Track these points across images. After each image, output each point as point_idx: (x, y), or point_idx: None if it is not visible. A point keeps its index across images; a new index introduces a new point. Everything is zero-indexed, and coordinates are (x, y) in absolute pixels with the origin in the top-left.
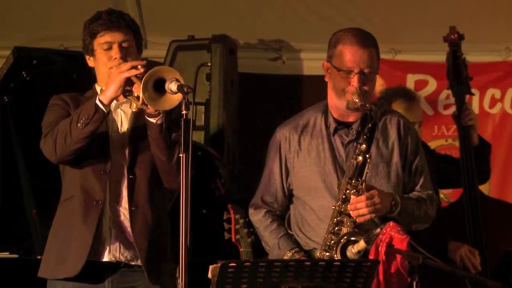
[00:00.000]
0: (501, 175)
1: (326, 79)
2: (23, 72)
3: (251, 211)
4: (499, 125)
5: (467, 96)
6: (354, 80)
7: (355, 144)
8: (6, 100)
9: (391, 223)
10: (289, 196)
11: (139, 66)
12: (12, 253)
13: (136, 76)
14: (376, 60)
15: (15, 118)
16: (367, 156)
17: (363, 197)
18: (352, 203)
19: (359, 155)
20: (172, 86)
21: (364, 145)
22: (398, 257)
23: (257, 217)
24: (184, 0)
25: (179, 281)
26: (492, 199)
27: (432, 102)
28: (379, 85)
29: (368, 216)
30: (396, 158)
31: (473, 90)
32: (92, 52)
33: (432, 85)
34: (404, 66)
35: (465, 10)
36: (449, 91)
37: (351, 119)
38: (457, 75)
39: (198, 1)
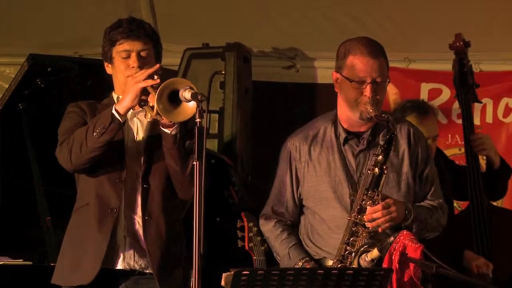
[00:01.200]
0: None
1: (336, 90)
2: (38, 80)
3: (261, 221)
4: None
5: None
6: (367, 90)
7: (367, 154)
8: (21, 107)
9: (405, 232)
10: (300, 206)
11: (155, 76)
12: (26, 260)
13: (151, 86)
14: (386, 69)
15: (29, 125)
16: (384, 167)
17: (379, 206)
18: (368, 212)
19: (375, 167)
20: (186, 94)
21: (381, 157)
22: (412, 265)
23: (268, 227)
24: (198, 8)
25: None
26: (503, 209)
27: (445, 111)
28: (393, 93)
29: (386, 225)
30: (406, 167)
31: (487, 99)
32: (110, 60)
33: (446, 94)
34: (418, 75)
35: (480, 20)
36: None
37: (361, 129)
38: (464, 83)
39: (212, 9)
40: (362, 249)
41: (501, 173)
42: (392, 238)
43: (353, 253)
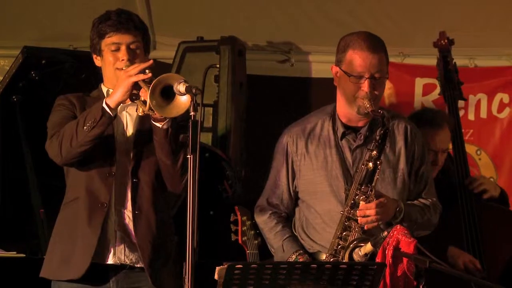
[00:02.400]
0: (508, 180)
1: (335, 83)
2: (32, 72)
3: (256, 212)
4: (507, 130)
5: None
6: (365, 85)
7: (364, 149)
8: (15, 99)
9: (398, 227)
10: (295, 199)
11: (147, 71)
12: (19, 252)
13: (143, 80)
14: (386, 65)
15: (23, 117)
16: (378, 162)
17: (372, 204)
18: (361, 209)
19: (369, 161)
20: (180, 87)
21: (375, 152)
22: (405, 260)
23: (262, 218)
24: (193, 1)
25: (186, 282)
26: (495, 206)
27: (440, 106)
28: (388, 88)
29: (375, 224)
30: (402, 164)
31: (482, 95)
32: (99, 52)
33: (440, 89)
34: (413, 70)
35: (475, 15)
36: None
37: (359, 124)
38: (449, 80)
39: (207, 3)
40: (352, 244)
41: (500, 201)
42: (385, 233)
43: (345, 248)
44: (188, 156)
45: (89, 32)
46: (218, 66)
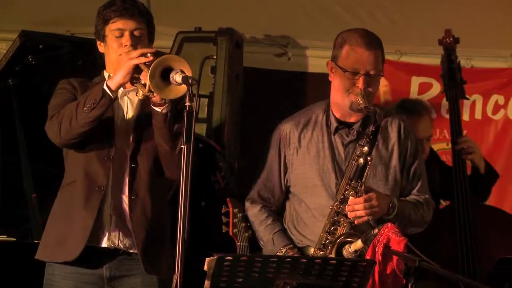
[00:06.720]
0: (500, 182)
1: (330, 79)
2: (29, 56)
3: (247, 205)
4: (501, 132)
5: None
6: (360, 82)
7: (356, 145)
8: (11, 83)
9: (389, 224)
10: (286, 192)
11: (148, 54)
12: (10, 236)
13: (144, 63)
14: (381, 62)
15: (18, 101)
16: (369, 158)
17: (361, 199)
18: (350, 204)
19: (360, 157)
20: (177, 77)
21: (366, 147)
22: (395, 258)
23: (253, 211)
24: None
25: (175, 272)
26: (488, 206)
27: (435, 106)
28: (384, 85)
29: (365, 218)
30: (395, 161)
31: (477, 96)
32: (103, 38)
33: (436, 88)
34: (409, 68)
35: (472, 16)
36: None
37: (352, 119)
38: (452, 78)
39: None
40: (339, 239)
41: (487, 178)
42: (376, 230)
43: (332, 243)
44: (182, 146)
45: (86, 18)
46: (215, 57)
